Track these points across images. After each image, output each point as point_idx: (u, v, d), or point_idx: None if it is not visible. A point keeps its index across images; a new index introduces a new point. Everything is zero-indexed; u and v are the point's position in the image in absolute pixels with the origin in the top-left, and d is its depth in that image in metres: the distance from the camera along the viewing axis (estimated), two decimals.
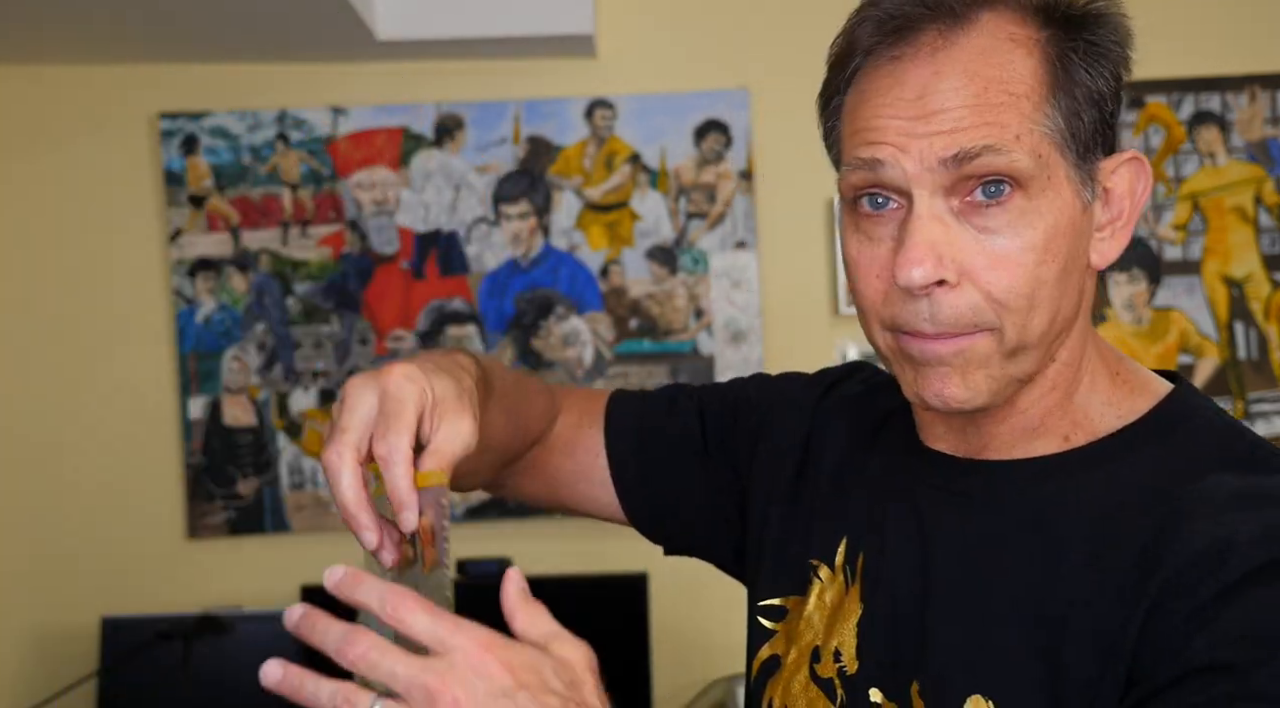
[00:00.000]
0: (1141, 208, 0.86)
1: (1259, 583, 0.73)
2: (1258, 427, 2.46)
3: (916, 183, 0.77)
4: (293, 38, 2.36)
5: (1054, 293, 0.80)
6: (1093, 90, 0.83)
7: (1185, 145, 2.49)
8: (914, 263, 0.77)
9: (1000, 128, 0.77)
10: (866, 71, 0.82)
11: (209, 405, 2.49)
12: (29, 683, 2.49)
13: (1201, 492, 0.78)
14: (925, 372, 0.81)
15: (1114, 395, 0.88)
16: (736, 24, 2.52)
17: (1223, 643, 0.72)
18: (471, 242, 2.50)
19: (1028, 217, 0.78)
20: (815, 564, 0.96)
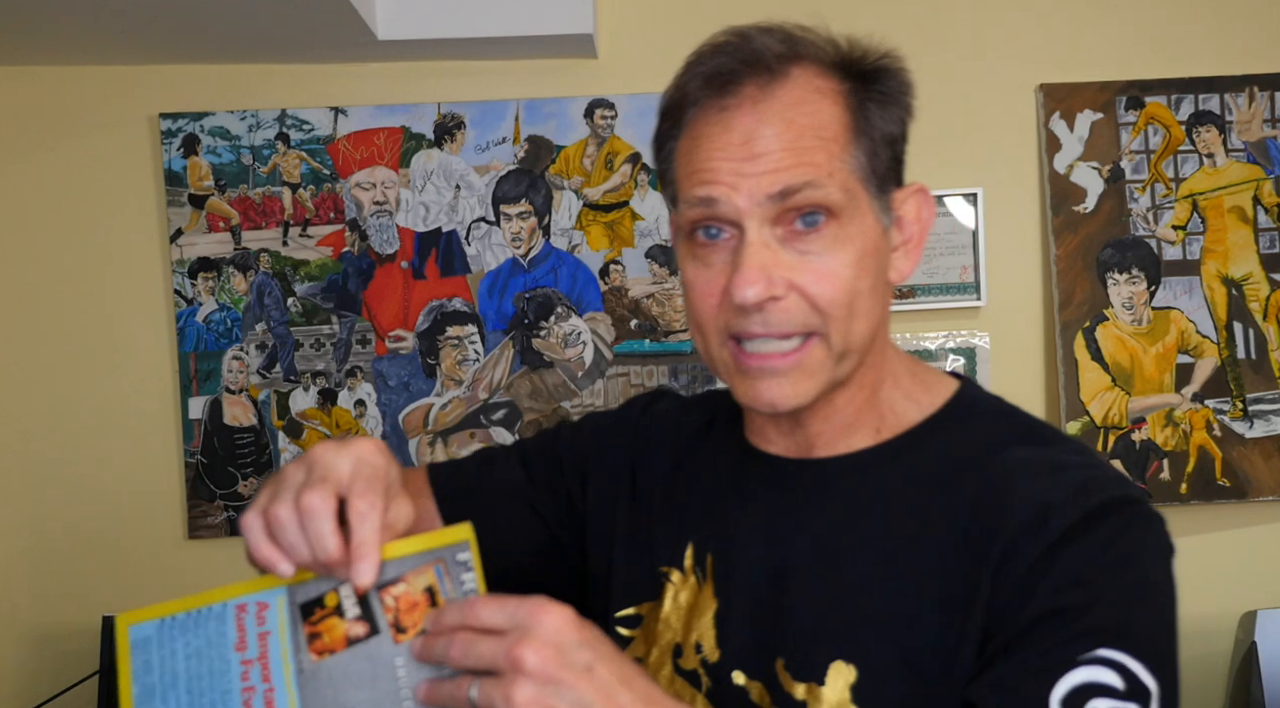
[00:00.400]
0: (928, 231, 0.99)
1: (1076, 537, 0.86)
2: (1257, 427, 2.47)
3: (747, 216, 0.90)
4: (293, 38, 2.36)
5: (868, 303, 0.93)
6: (886, 133, 0.95)
7: (1184, 146, 2.49)
8: (749, 283, 0.89)
9: (815, 167, 0.90)
10: (697, 120, 0.93)
11: (209, 405, 2.50)
12: (30, 682, 2.49)
13: (1006, 464, 0.92)
14: (758, 381, 0.93)
15: (913, 391, 1.01)
16: (735, 24, 2.52)
17: (1057, 591, 0.85)
18: (471, 242, 2.50)
19: (840, 240, 0.91)
20: (665, 571, 1.05)
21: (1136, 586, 0.88)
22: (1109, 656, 0.83)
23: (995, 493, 0.90)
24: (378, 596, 0.82)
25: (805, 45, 0.96)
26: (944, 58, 2.51)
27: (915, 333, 2.50)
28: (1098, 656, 0.83)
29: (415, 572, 0.82)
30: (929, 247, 2.49)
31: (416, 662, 0.81)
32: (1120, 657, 0.83)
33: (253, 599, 0.84)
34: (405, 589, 0.82)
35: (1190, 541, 2.52)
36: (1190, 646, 2.50)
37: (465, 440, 2.50)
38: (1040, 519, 0.87)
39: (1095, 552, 0.86)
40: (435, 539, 0.84)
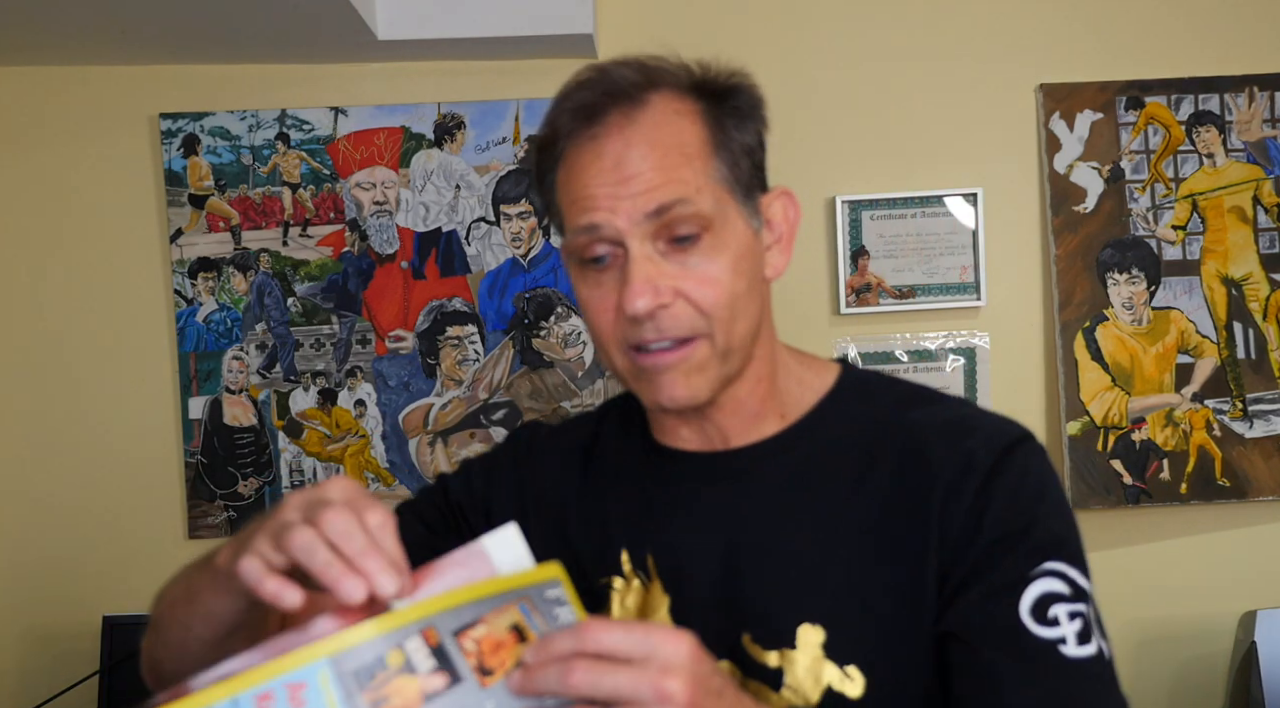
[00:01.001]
0: (796, 229, 1.08)
1: (1000, 472, 0.99)
2: (1257, 427, 2.47)
3: (628, 235, 0.97)
4: (293, 38, 2.36)
5: (746, 303, 1.01)
6: (744, 144, 1.03)
7: (1184, 145, 2.49)
8: (637, 295, 0.97)
9: (683, 183, 0.97)
10: (570, 151, 1.01)
11: (209, 405, 2.50)
12: (30, 682, 2.49)
13: (913, 425, 1.03)
14: (657, 380, 1.01)
15: (804, 376, 1.11)
16: (736, 24, 2.52)
17: (998, 521, 0.97)
18: (471, 242, 2.50)
19: (716, 248, 0.99)
20: (605, 582, 1.09)
21: (1054, 502, 1.01)
22: (1054, 567, 0.96)
23: (915, 450, 1.01)
24: (454, 641, 0.74)
25: (660, 73, 1.02)
26: (944, 58, 2.51)
27: (915, 333, 2.50)
28: (1046, 569, 0.96)
29: (496, 612, 0.76)
30: (929, 247, 2.49)
31: (513, 701, 0.74)
32: (1061, 566, 0.97)
33: (279, 683, 0.70)
34: (486, 630, 0.75)
35: (1190, 541, 2.52)
36: (1190, 646, 2.50)
37: (465, 440, 2.50)
38: (966, 465, 0.99)
39: (1017, 482, 0.99)
40: (517, 580, 0.78)
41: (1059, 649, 0.94)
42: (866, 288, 2.50)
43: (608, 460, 1.14)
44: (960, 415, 1.05)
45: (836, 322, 2.50)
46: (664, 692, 0.73)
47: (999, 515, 0.98)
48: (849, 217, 2.49)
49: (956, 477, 0.99)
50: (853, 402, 1.09)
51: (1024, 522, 0.98)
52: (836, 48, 2.52)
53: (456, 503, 1.17)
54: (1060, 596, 0.96)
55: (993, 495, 0.98)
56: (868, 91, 2.52)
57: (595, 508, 1.11)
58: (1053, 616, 0.95)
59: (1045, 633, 0.94)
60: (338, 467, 2.50)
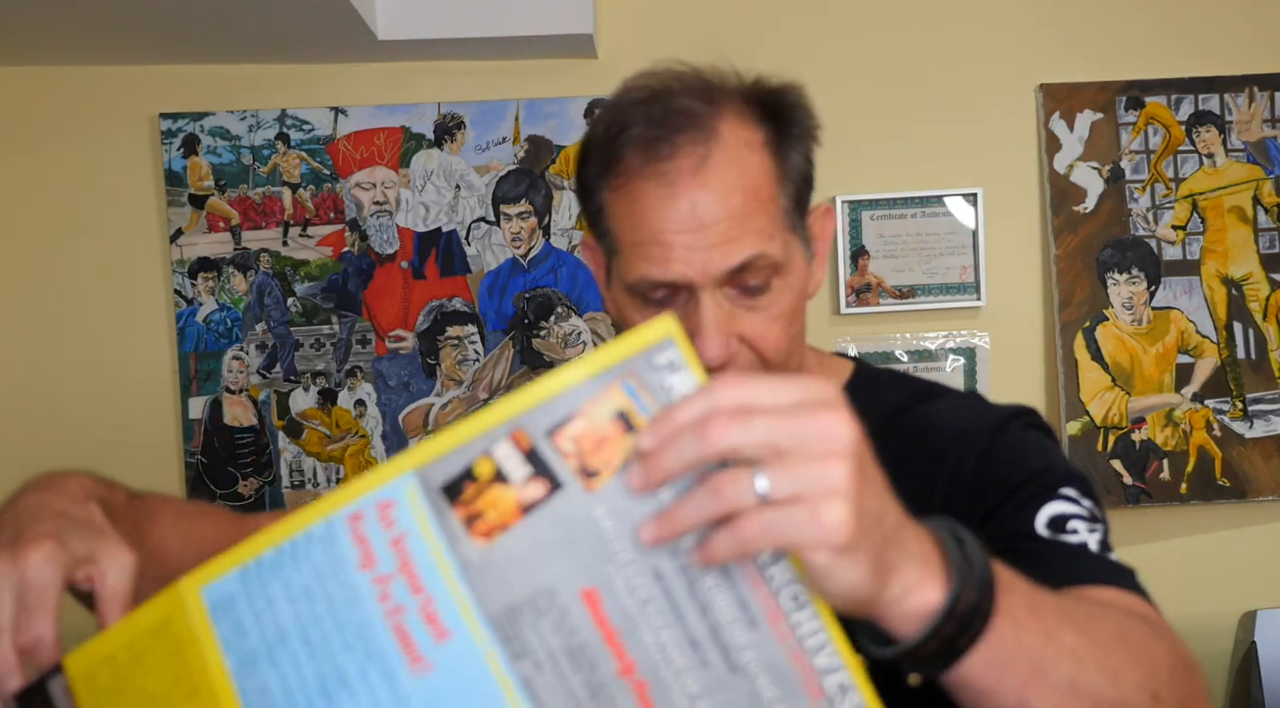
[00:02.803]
0: (830, 241, 1.09)
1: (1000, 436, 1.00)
2: (1257, 427, 2.47)
3: (701, 286, 0.95)
4: (293, 38, 2.36)
5: (799, 339, 1.03)
6: (802, 172, 1.03)
7: (1184, 145, 2.49)
8: (710, 348, 0.94)
9: (758, 234, 0.95)
10: (633, 180, 0.95)
11: (209, 405, 2.50)
12: None
13: (921, 417, 1.04)
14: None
15: (823, 375, 1.10)
16: (736, 24, 2.52)
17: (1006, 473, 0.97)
18: (471, 242, 2.50)
19: (781, 291, 0.99)
20: None
21: (1061, 458, 1.02)
22: (1068, 492, 0.95)
23: (920, 435, 1.02)
24: (550, 442, 0.63)
25: (722, 94, 0.98)
26: (944, 58, 2.51)
27: (915, 333, 2.50)
28: (1061, 493, 0.95)
29: (594, 400, 0.63)
30: (929, 247, 2.49)
31: (627, 502, 0.62)
32: (1075, 494, 0.96)
33: (369, 502, 0.66)
34: (584, 425, 0.63)
35: (1190, 541, 2.53)
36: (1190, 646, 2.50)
37: None
38: (964, 442, 1.00)
39: (1017, 441, 1.01)
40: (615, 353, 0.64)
41: (1080, 548, 0.92)
42: (866, 288, 2.50)
43: None
44: (965, 402, 1.08)
45: (836, 322, 2.50)
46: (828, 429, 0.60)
47: (1002, 467, 0.98)
48: (849, 217, 2.49)
49: (956, 455, 1.00)
50: (865, 398, 1.06)
51: (1030, 466, 0.97)
52: (836, 48, 2.52)
53: None
54: (1077, 516, 0.94)
55: (994, 455, 0.99)
56: (868, 91, 2.52)
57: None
58: (1070, 528, 0.93)
59: (1063, 539, 0.92)
60: (338, 467, 2.50)
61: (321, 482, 2.50)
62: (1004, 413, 1.04)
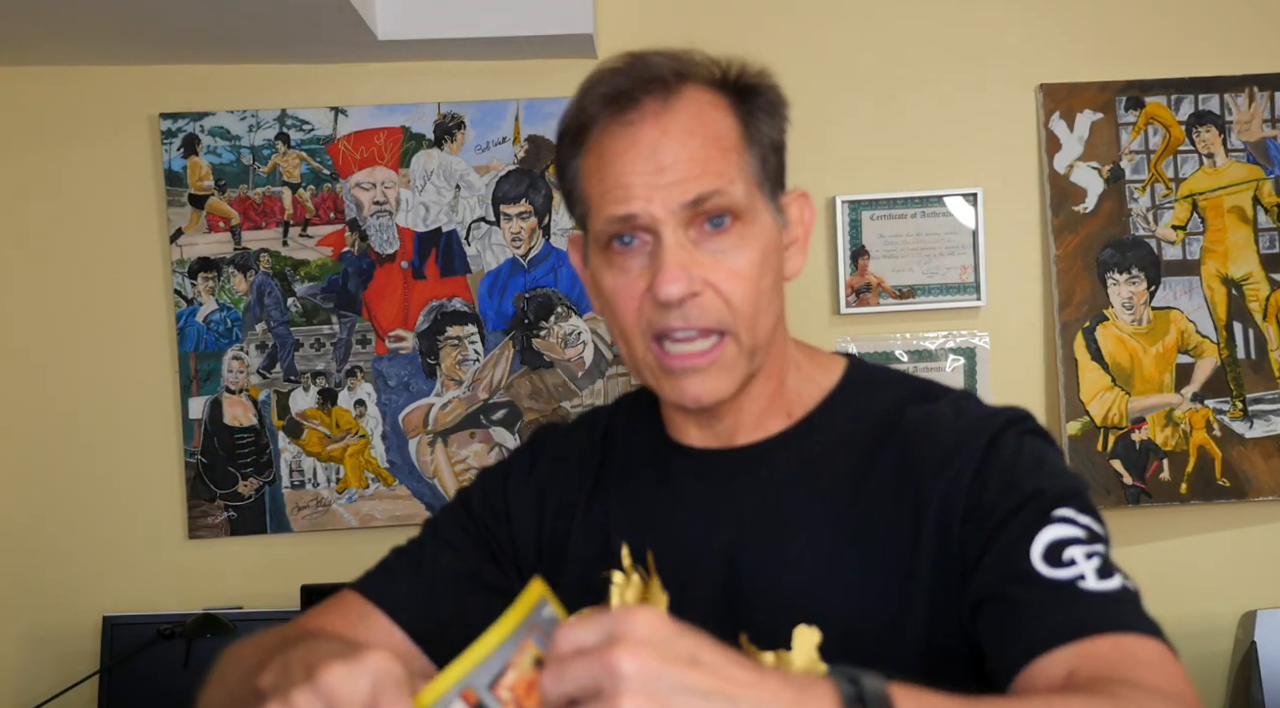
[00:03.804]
0: (811, 231, 1.09)
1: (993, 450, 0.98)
2: (1257, 427, 2.47)
3: (663, 223, 0.97)
4: (293, 38, 2.36)
5: (770, 299, 1.03)
6: (773, 140, 1.04)
7: (1184, 145, 2.49)
8: (671, 281, 0.96)
9: (718, 175, 0.98)
10: (601, 138, 1.00)
11: (209, 405, 2.50)
12: (30, 683, 2.49)
13: (913, 420, 1.03)
14: (682, 379, 1.00)
15: (813, 373, 1.11)
16: (736, 24, 2.52)
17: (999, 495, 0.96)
18: (471, 242, 2.50)
19: (746, 239, 1.00)
20: (606, 576, 1.06)
21: (1056, 468, 1.00)
22: (1063, 514, 0.94)
23: (912, 444, 1.01)
24: (491, 694, 0.74)
25: (693, 65, 1.02)
26: (944, 58, 2.51)
27: (915, 333, 2.50)
28: (1055, 516, 0.94)
29: (518, 652, 0.76)
30: (929, 247, 2.49)
31: None
32: (1072, 513, 0.94)
33: None
34: (515, 674, 0.75)
35: (1190, 541, 2.52)
36: (1190, 646, 2.49)
37: (465, 440, 2.50)
38: (958, 452, 0.99)
39: (1011, 457, 0.98)
40: (517, 614, 0.77)
41: (1077, 585, 0.90)
42: (866, 288, 2.50)
43: (616, 455, 1.14)
44: (958, 408, 1.05)
45: (836, 322, 2.50)
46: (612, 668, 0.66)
47: (998, 490, 0.97)
48: (849, 217, 2.49)
49: (950, 467, 0.99)
50: (857, 399, 1.09)
51: (1024, 489, 0.96)
52: (836, 48, 2.52)
53: (480, 518, 1.17)
54: (1073, 539, 0.93)
55: (987, 476, 0.97)
56: (868, 91, 2.52)
57: (602, 503, 1.11)
58: (1067, 558, 0.92)
59: (1060, 574, 0.91)
60: (338, 467, 2.50)
61: (321, 482, 2.50)
62: (995, 423, 1.01)
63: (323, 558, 2.50)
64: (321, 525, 2.50)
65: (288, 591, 2.44)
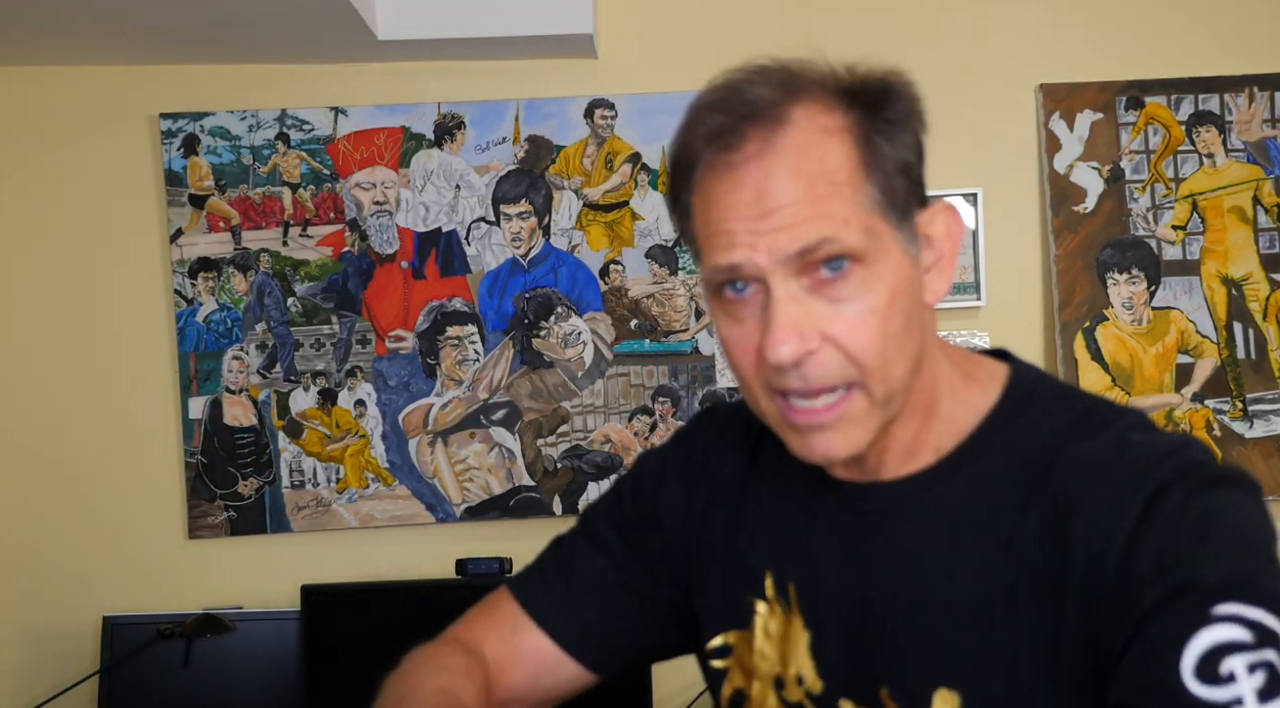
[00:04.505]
0: (959, 245, 0.98)
1: (1150, 513, 0.85)
2: (1257, 427, 2.47)
3: (770, 273, 0.88)
4: (293, 38, 2.36)
5: (903, 343, 0.92)
6: (899, 161, 0.93)
7: (1184, 146, 2.49)
8: (781, 342, 0.87)
9: (829, 218, 0.87)
10: (706, 178, 0.91)
11: (209, 405, 2.50)
12: (29, 683, 2.49)
13: (1074, 461, 0.91)
14: (808, 436, 0.92)
15: (968, 394, 1.00)
16: (736, 24, 2.52)
17: (1155, 576, 0.83)
18: (471, 242, 2.50)
19: (869, 283, 0.89)
20: (750, 600, 1.04)
21: (1227, 538, 0.84)
22: (1226, 611, 0.80)
23: (1065, 493, 0.90)
24: None
25: (802, 81, 0.92)
26: (944, 58, 2.51)
27: None
28: (1215, 614, 0.80)
29: None
30: None
31: None
32: (1237, 609, 0.80)
33: None
34: None
35: None
36: None
37: (465, 440, 2.50)
38: (1108, 512, 0.87)
39: (1173, 524, 0.85)
40: None
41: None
42: None
43: (765, 468, 1.07)
44: (1123, 444, 0.91)
45: None
46: None
47: (1148, 570, 0.84)
48: None
49: (1098, 531, 0.87)
50: (1014, 425, 0.97)
51: (1181, 573, 0.83)
52: (836, 48, 2.51)
53: (634, 521, 1.13)
54: (1237, 645, 0.79)
55: (1141, 547, 0.85)
56: None
57: (749, 524, 1.06)
58: (1226, 672, 0.78)
59: (1214, 695, 0.78)
60: (338, 467, 2.50)
61: (321, 482, 2.50)
62: (1159, 474, 0.87)
63: (323, 558, 2.50)
64: (321, 525, 2.50)
65: (288, 591, 2.44)
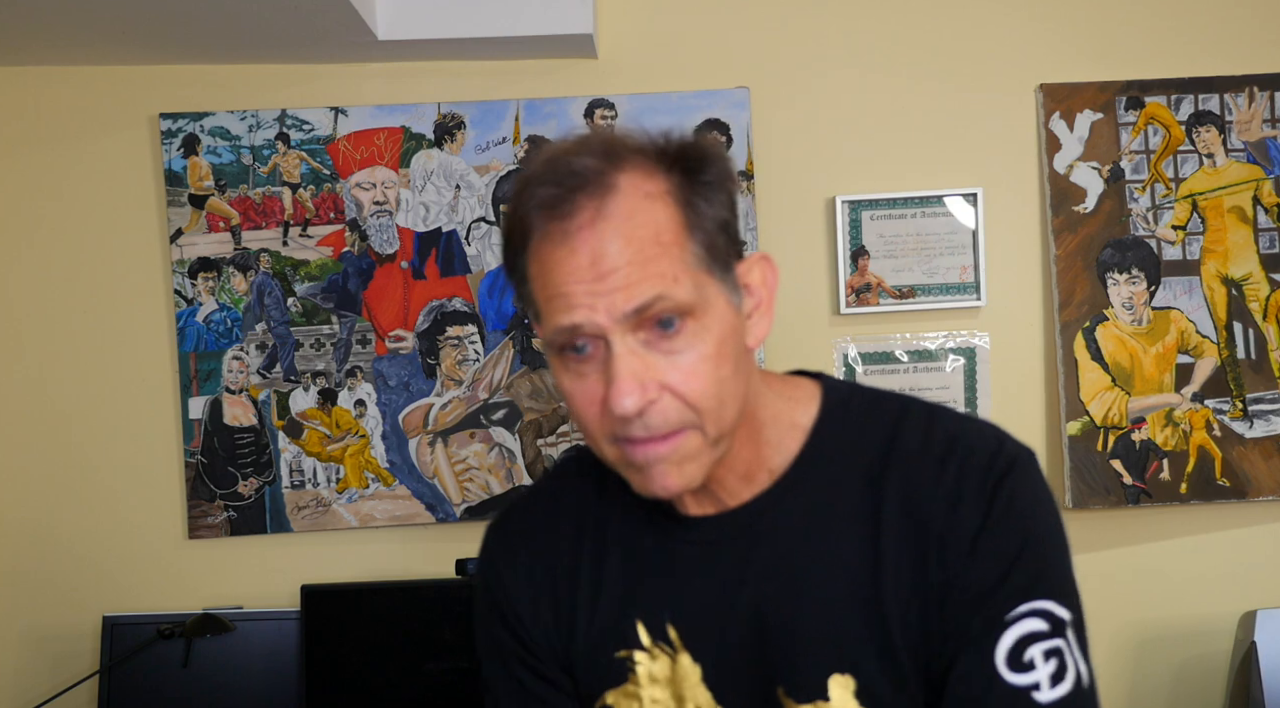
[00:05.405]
0: (775, 291, 1.05)
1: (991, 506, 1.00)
2: (1257, 427, 2.47)
3: (609, 331, 0.95)
4: (293, 38, 2.36)
5: (733, 385, 0.99)
6: (717, 219, 0.99)
7: (1184, 146, 2.49)
8: (625, 394, 0.94)
9: (660, 277, 0.94)
10: (542, 245, 0.97)
11: (209, 405, 2.50)
12: (29, 683, 2.49)
13: (910, 453, 1.04)
14: (648, 471, 0.98)
15: (791, 414, 1.09)
16: (736, 24, 2.52)
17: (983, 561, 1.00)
18: (471, 242, 2.50)
19: (699, 334, 0.96)
20: (624, 657, 1.08)
21: (1039, 533, 1.02)
22: (1029, 608, 0.99)
23: (914, 480, 1.03)
24: None
25: (624, 150, 0.98)
26: (944, 58, 2.51)
27: (915, 333, 2.50)
28: (1019, 612, 0.99)
29: None
30: (929, 247, 2.49)
31: None
32: (1038, 604, 0.99)
33: None
34: None
35: (1190, 541, 2.52)
36: (1190, 646, 2.50)
37: (465, 440, 2.50)
38: (959, 498, 1.01)
39: (1002, 515, 1.01)
40: None
41: (1032, 697, 0.97)
42: (866, 288, 2.50)
43: (612, 530, 1.12)
44: (949, 435, 1.05)
45: (836, 322, 2.50)
46: None
47: (983, 558, 1.00)
48: (849, 217, 2.49)
49: (953, 512, 1.01)
50: (841, 432, 1.08)
51: (1003, 564, 1.00)
52: (836, 48, 2.52)
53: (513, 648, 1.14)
54: (1037, 634, 0.98)
55: (979, 539, 1.00)
56: (868, 91, 2.52)
57: (603, 578, 1.10)
58: (1028, 659, 0.98)
59: (1019, 680, 0.97)
60: (338, 467, 2.50)
61: (321, 482, 2.50)
62: (994, 469, 1.02)
63: (323, 558, 2.50)
64: (321, 525, 2.50)
65: (288, 590, 2.44)
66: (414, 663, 2.30)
